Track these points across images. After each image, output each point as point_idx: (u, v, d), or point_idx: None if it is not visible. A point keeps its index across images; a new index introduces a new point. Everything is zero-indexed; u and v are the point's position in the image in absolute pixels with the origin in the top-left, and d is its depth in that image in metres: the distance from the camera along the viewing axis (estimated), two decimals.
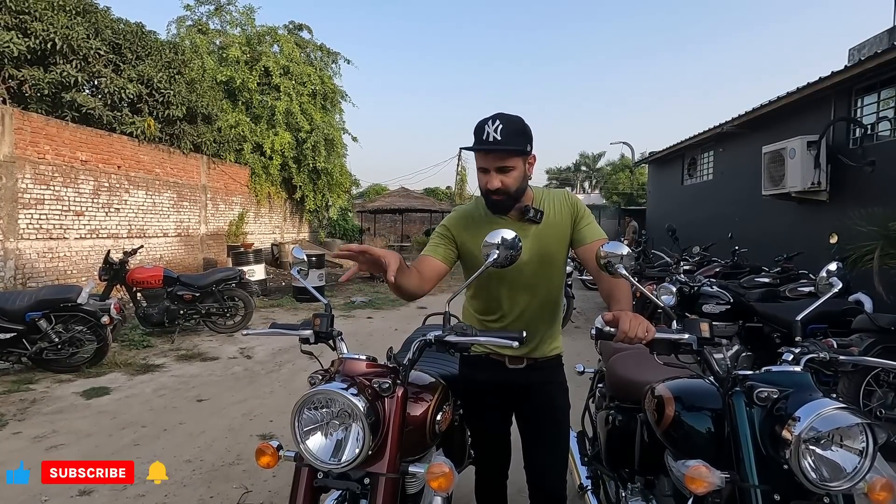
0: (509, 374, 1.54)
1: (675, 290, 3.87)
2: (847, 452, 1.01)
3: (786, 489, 1.04)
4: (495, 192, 1.42)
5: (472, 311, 1.61)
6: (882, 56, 5.01)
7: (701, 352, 1.19)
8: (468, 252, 1.53)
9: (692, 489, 1.06)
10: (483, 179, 1.43)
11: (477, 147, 1.39)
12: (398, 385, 1.16)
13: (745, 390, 1.11)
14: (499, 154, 1.39)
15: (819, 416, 0.98)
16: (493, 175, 1.41)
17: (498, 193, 1.42)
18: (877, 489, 1.06)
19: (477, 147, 1.39)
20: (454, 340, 1.20)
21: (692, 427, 1.28)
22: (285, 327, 1.38)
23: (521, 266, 1.44)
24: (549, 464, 1.60)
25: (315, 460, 1.05)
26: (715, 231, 8.20)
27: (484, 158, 1.41)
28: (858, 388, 2.99)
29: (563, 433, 1.64)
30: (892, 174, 5.30)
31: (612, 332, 1.17)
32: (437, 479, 1.06)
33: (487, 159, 1.41)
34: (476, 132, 1.40)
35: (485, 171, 1.42)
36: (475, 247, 1.41)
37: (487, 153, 1.40)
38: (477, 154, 1.42)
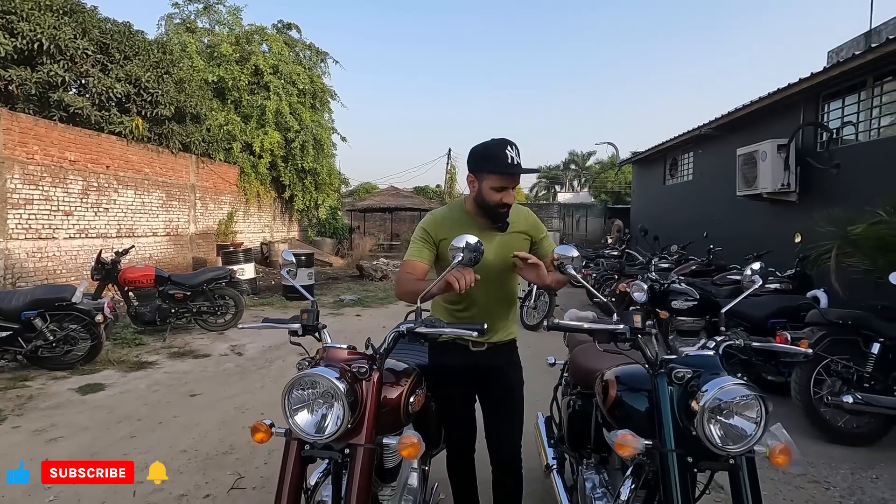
0: (473, 356, 1.79)
1: (647, 287, 4.09)
2: (746, 421, 1.22)
3: (697, 453, 1.25)
4: (505, 206, 1.69)
5: (443, 303, 1.84)
6: (844, 64, 5.29)
7: (635, 340, 1.39)
8: (446, 251, 1.73)
9: (620, 454, 1.26)
10: (498, 196, 1.66)
11: (507, 170, 1.63)
12: (374, 370, 1.34)
13: (667, 371, 1.32)
14: (517, 176, 1.68)
15: (721, 390, 1.19)
16: (510, 192, 1.67)
17: (506, 207, 1.69)
18: (776, 453, 1.27)
19: (507, 170, 1.63)
20: (424, 331, 1.39)
21: (630, 405, 1.48)
22: (276, 321, 1.56)
23: (487, 265, 1.67)
24: (507, 431, 1.85)
25: (302, 433, 1.23)
26: (695, 230, 8.48)
27: (508, 179, 1.66)
28: (809, 377, 3.24)
29: (517, 405, 1.88)
30: (856, 176, 5.59)
31: (554, 322, 1.39)
32: (406, 448, 1.25)
33: (511, 180, 1.66)
34: (497, 155, 1.64)
35: (502, 189, 1.66)
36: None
37: (512, 176, 1.66)
38: (496, 175, 1.65)
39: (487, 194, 1.68)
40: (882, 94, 5.45)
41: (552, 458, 2.26)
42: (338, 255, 15.27)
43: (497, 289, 1.79)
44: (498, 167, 1.63)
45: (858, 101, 5.74)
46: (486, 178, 1.67)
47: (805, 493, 2.57)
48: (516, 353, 1.92)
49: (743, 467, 1.26)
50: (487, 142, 1.69)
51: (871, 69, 5.31)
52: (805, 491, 2.59)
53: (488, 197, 1.68)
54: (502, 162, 1.62)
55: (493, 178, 1.66)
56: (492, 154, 1.65)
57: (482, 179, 1.68)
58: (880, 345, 3.14)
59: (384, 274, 11.29)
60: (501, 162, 1.62)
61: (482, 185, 1.69)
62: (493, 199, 1.67)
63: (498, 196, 1.67)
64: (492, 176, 1.66)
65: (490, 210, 1.70)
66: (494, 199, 1.67)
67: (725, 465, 1.26)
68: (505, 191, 1.66)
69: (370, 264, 11.90)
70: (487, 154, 1.66)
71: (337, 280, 11.30)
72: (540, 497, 2.37)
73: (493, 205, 1.68)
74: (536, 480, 2.38)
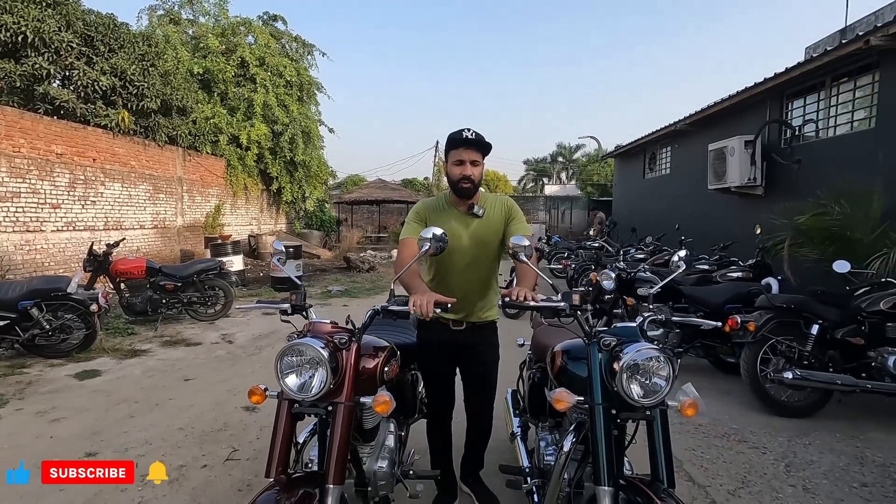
0: (453, 334, 2.08)
1: (615, 276, 4.37)
2: (660, 380, 1.48)
3: (620, 407, 1.52)
4: (467, 180, 1.91)
5: (426, 283, 2.09)
6: (804, 65, 5.61)
7: (575, 315, 1.65)
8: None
9: (557, 408, 1.52)
10: (458, 170, 1.93)
11: (462, 143, 1.89)
12: (353, 341, 1.58)
13: (598, 341, 1.58)
14: (473, 149, 1.90)
15: (637, 352, 1.45)
16: (467, 165, 1.90)
17: (468, 181, 1.91)
18: (686, 407, 1.54)
19: (462, 143, 1.89)
20: (395, 309, 1.63)
21: (572, 371, 1.74)
22: (268, 302, 1.79)
23: (463, 250, 1.99)
24: (481, 401, 2.19)
25: (291, 392, 1.47)
26: (671, 222, 8.84)
27: (463, 152, 1.90)
28: (756, 356, 3.56)
29: (491, 378, 2.18)
30: (816, 171, 5.94)
31: (509, 300, 1.63)
32: (380, 405, 1.50)
33: (466, 153, 1.90)
34: (454, 136, 1.91)
35: (460, 162, 1.91)
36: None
37: (467, 147, 1.90)
38: (455, 150, 1.91)
39: (450, 171, 1.96)
40: (839, 93, 5.78)
41: (517, 426, 2.53)
42: (326, 248, 15.41)
43: (473, 272, 2.04)
44: (454, 142, 1.92)
45: (818, 100, 6.09)
46: (448, 157, 1.97)
47: (743, 457, 2.89)
48: (495, 335, 2.19)
49: (657, 418, 1.53)
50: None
51: (829, 70, 5.64)
52: (743, 455, 2.91)
53: (451, 173, 1.96)
54: (458, 136, 1.90)
55: (452, 154, 1.95)
56: (451, 136, 1.94)
57: (447, 160, 1.98)
58: (819, 326, 3.47)
59: (371, 265, 11.48)
60: (457, 137, 1.90)
61: (447, 165, 1.98)
62: (455, 173, 1.94)
63: (458, 170, 1.93)
64: (451, 152, 1.95)
65: (455, 186, 1.96)
66: (456, 174, 1.94)
67: (643, 415, 1.53)
68: (463, 164, 1.92)
69: (357, 256, 12.09)
70: (449, 137, 1.96)
71: (325, 272, 11.47)
72: (506, 459, 2.65)
73: (456, 180, 1.95)
74: (505, 444, 2.65)
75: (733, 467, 2.76)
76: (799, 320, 3.55)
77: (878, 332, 3.37)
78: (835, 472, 2.71)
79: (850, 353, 3.46)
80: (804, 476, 2.66)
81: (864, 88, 5.40)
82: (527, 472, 2.08)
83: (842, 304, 3.56)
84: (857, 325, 3.44)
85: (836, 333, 3.48)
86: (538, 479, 1.98)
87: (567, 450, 1.70)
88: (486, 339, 2.13)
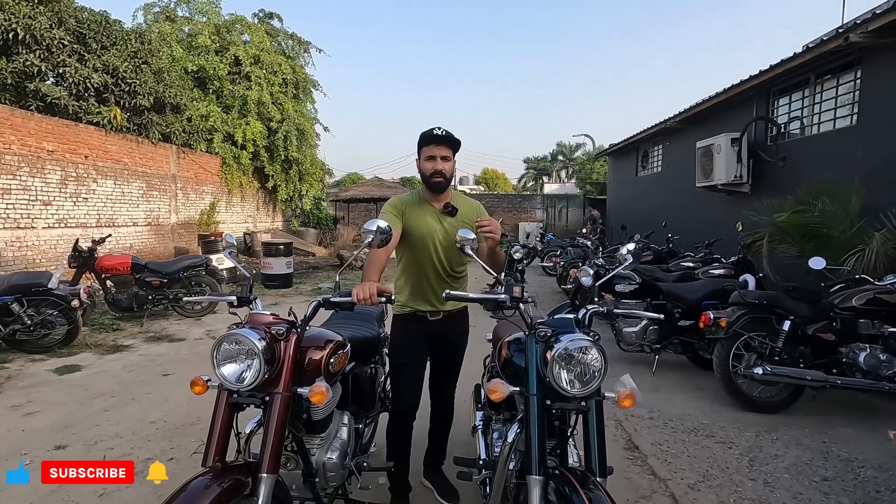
0: (430, 324, 2.17)
1: (593, 272, 4.39)
2: (594, 372, 1.49)
3: (554, 396, 1.53)
4: (439, 175, 2.01)
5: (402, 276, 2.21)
6: (787, 63, 5.60)
7: (517, 307, 1.66)
8: (409, 226, 2.12)
9: (492, 398, 1.53)
10: (429, 165, 2.03)
11: (432, 138, 1.98)
12: (293, 333, 1.60)
13: (535, 332, 1.59)
14: (444, 145, 2.00)
15: (571, 342, 1.46)
16: (438, 161, 2.00)
17: (439, 175, 2.01)
18: (623, 398, 1.55)
19: (432, 138, 1.98)
20: (337, 300, 1.65)
21: (516, 363, 1.76)
22: (217, 295, 1.82)
23: (436, 245, 2.08)
24: (446, 382, 2.35)
25: (226, 381, 1.49)
26: (662, 219, 8.84)
27: (434, 148, 2.00)
28: (728, 352, 3.56)
29: (458, 357, 2.34)
30: (801, 168, 5.94)
31: (450, 293, 1.66)
32: (315, 395, 1.52)
33: (437, 149, 2.00)
34: (426, 133, 2.01)
35: (432, 158, 2.00)
36: (415, 224, 2.07)
37: (438, 143, 2.00)
38: (426, 147, 2.01)
39: (423, 167, 2.05)
40: (823, 90, 5.77)
41: (479, 420, 2.55)
42: (321, 245, 15.44)
43: (445, 265, 2.13)
44: (425, 140, 2.01)
45: (803, 97, 6.08)
46: (421, 153, 2.05)
47: (709, 451, 2.90)
48: (466, 322, 2.32)
49: (592, 409, 1.54)
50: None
51: (812, 67, 5.63)
52: (709, 450, 2.92)
53: (423, 168, 2.05)
54: (429, 134, 2.00)
55: (424, 151, 2.03)
56: (423, 134, 2.03)
57: (419, 157, 2.06)
58: (790, 322, 3.48)
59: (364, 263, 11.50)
60: (428, 134, 2.00)
61: (419, 161, 2.07)
62: (427, 168, 2.03)
63: (430, 165, 2.02)
64: (423, 148, 2.03)
65: (427, 181, 2.04)
66: (427, 169, 2.03)
67: (577, 406, 1.54)
68: (434, 160, 2.00)
69: (351, 254, 12.11)
70: (421, 135, 2.04)
71: (317, 269, 11.50)
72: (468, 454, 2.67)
73: (428, 174, 2.03)
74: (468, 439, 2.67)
75: (697, 461, 2.77)
76: (771, 316, 3.55)
77: (850, 328, 3.38)
78: (798, 466, 2.72)
79: (822, 350, 3.47)
80: (766, 470, 2.67)
81: (846, 86, 5.40)
82: (481, 465, 2.09)
83: (814, 301, 3.56)
84: (829, 321, 3.46)
85: (808, 329, 3.49)
86: (490, 470, 2.00)
87: (511, 440, 1.71)
88: (458, 326, 2.28)
